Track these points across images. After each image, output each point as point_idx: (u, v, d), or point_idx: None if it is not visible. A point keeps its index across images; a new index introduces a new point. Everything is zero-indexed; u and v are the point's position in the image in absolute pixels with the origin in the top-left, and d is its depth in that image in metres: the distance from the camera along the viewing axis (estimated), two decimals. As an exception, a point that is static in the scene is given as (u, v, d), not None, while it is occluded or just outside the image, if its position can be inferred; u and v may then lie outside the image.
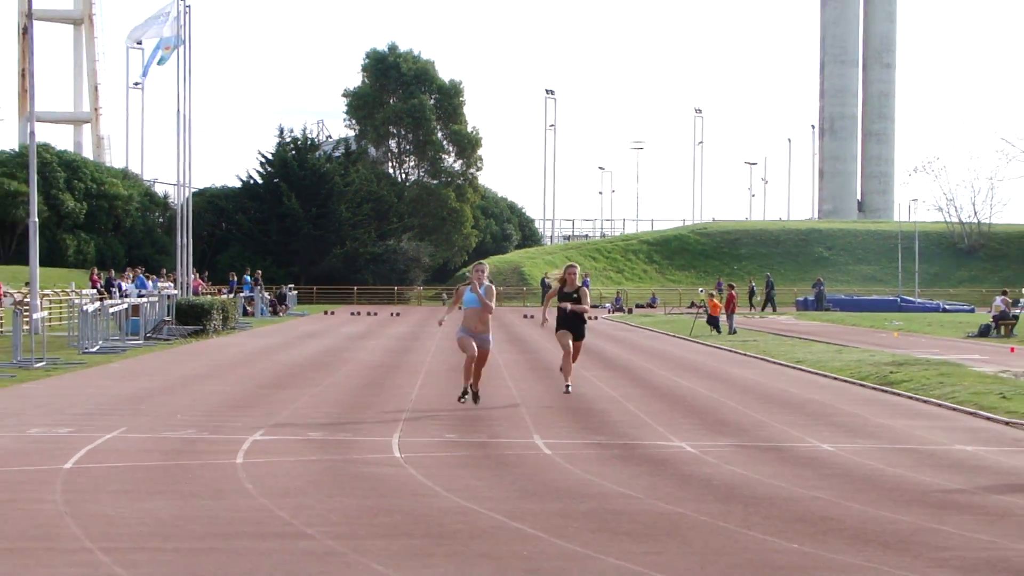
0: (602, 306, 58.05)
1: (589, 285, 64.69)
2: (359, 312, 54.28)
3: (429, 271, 77.59)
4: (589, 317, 17.31)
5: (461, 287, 15.41)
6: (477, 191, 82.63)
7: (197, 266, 50.02)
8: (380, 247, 74.68)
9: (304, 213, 71.17)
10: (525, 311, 54.08)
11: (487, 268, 15.63)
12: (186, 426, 13.23)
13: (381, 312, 54.03)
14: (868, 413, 15.41)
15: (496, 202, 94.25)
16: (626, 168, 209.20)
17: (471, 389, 14.95)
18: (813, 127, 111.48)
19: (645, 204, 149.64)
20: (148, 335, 30.70)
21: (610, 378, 19.67)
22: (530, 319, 44.46)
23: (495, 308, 15.32)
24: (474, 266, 15.70)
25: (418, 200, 78.32)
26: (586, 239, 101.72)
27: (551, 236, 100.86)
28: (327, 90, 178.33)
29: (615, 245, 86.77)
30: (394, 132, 79.40)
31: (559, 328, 16.09)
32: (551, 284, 19.74)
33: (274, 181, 72.94)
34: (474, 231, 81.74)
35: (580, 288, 16.18)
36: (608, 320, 49.00)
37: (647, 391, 18.25)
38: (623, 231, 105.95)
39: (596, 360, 23.27)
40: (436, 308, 62.88)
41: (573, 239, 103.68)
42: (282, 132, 75.32)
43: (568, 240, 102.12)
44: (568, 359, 16.02)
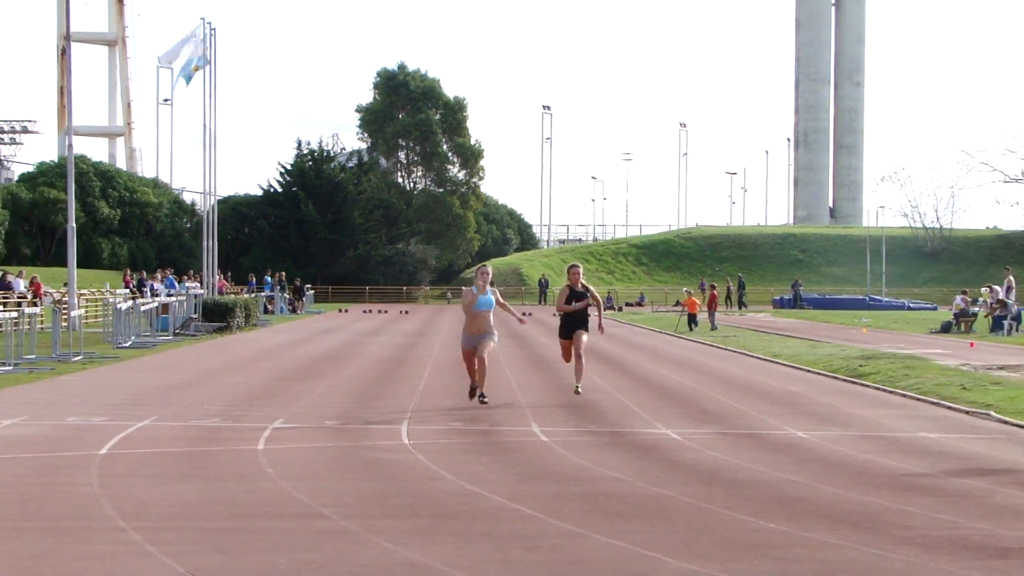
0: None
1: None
2: (371, 310, 54.28)
3: (435, 272, 77.70)
4: (600, 328, 16.44)
5: (470, 289, 14.36)
6: (479, 199, 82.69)
7: (222, 268, 49.97)
8: (390, 250, 74.76)
9: (320, 219, 71.23)
10: (524, 309, 54.00)
11: (491, 271, 14.79)
12: (211, 415, 13.24)
13: (391, 310, 54.05)
14: (839, 403, 15.40)
15: (497, 209, 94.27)
16: (616, 177, 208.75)
17: (476, 388, 14.26)
18: (788, 140, 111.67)
19: (634, 210, 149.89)
20: (177, 331, 30.71)
21: (602, 371, 19.66)
22: (528, 316, 44.39)
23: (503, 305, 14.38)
24: (478, 269, 14.76)
25: (425, 207, 78.34)
26: (580, 243, 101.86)
27: (547, 240, 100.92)
28: (341, 106, 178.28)
29: (606, 248, 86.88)
30: (403, 144, 79.42)
31: (561, 335, 15.21)
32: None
33: (293, 190, 72.98)
34: (476, 235, 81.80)
35: (587, 286, 15.14)
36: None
37: (636, 383, 18.25)
38: (614, 235, 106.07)
39: (589, 354, 23.24)
40: (442, 306, 62.87)
41: (568, 243, 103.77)
42: (300, 145, 75.56)
43: (563, 244, 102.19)
44: (577, 364, 14.88)
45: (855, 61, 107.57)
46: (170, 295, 34.96)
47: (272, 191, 74.71)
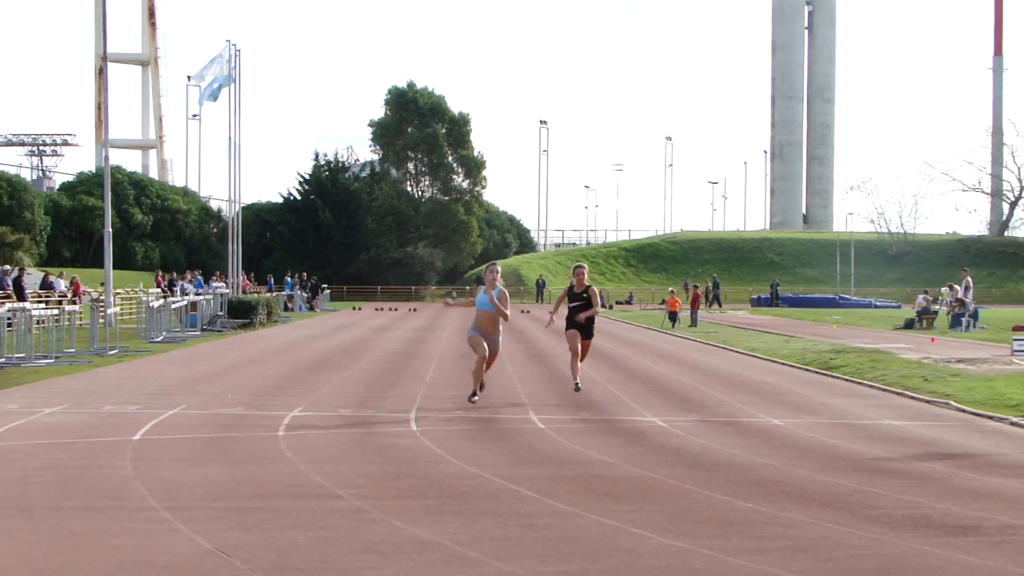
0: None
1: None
2: (382, 308, 54.29)
3: (441, 273, 77.72)
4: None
5: (476, 288, 13.44)
6: (482, 206, 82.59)
7: (245, 269, 49.93)
8: (400, 253, 74.78)
9: (336, 224, 71.27)
10: (523, 307, 54.05)
11: (500, 270, 13.72)
12: (236, 404, 13.25)
13: (401, 308, 54.03)
14: (811, 393, 15.41)
15: (498, 215, 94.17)
16: (608, 186, 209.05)
17: (476, 382, 13.49)
18: (765, 152, 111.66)
19: (624, 217, 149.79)
20: (204, 327, 30.71)
21: (593, 364, 19.66)
22: (527, 314, 44.45)
23: (509, 314, 13.52)
24: (487, 268, 13.74)
25: (432, 214, 78.26)
26: (574, 246, 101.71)
27: (544, 244, 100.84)
28: (355, 120, 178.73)
29: (598, 251, 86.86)
30: (412, 156, 79.30)
31: (569, 328, 14.23)
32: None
33: (311, 197, 72.97)
34: (479, 240, 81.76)
35: (589, 288, 14.27)
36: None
37: (625, 374, 18.25)
38: (605, 240, 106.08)
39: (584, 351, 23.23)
40: (448, 305, 62.76)
41: (563, 246, 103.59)
42: (317, 156, 75.71)
43: (558, 247, 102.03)
44: (575, 360, 14.20)
45: (826, 80, 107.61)
46: (198, 294, 34.95)
47: (292, 199, 74.74)
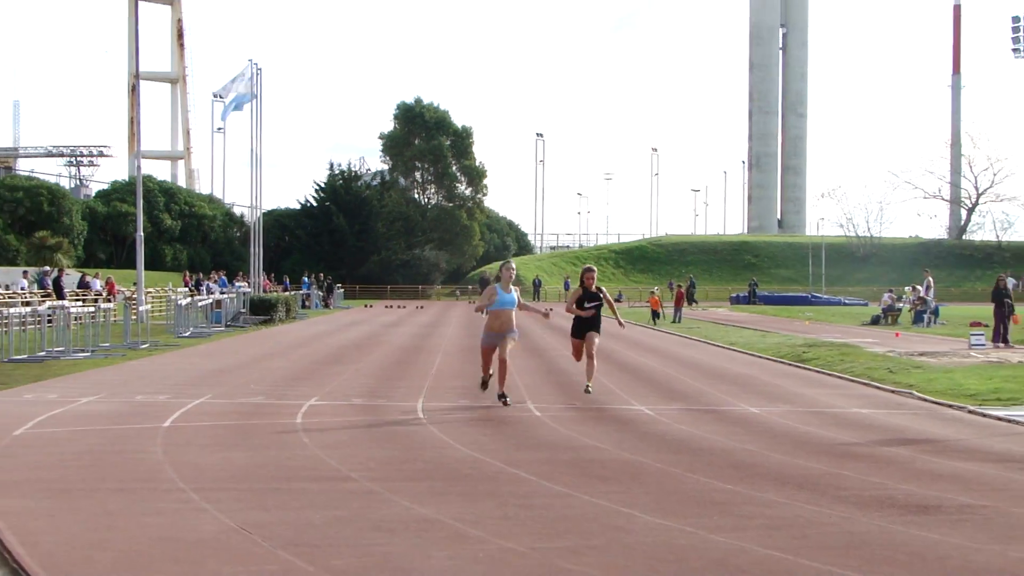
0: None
1: (569, 287, 64.79)
2: (391, 306, 54.24)
3: (446, 274, 77.75)
4: (620, 323, 13.98)
5: (493, 287, 12.27)
6: (483, 212, 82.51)
7: (266, 270, 49.92)
8: (408, 255, 74.80)
9: (349, 229, 71.28)
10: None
11: (515, 268, 12.53)
12: (257, 394, 13.24)
13: (408, 306, 53.99)
14: (786, 384, 15.41)
15: (498, 220, 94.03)
16: (599, 193, 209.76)
17: (488, 384, 12.43)
18: (743, 162, 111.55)
19: (613, 221, 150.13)
20: (228, 323, 30.70)
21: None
22: (551, 311, 44.34)
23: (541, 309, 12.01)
24: (503, 266, 12.46)
25: (437, 219, 78.19)
26: (567, 249, 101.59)
27: (540, 246, 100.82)
28: (367, 133, 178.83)
29: (589, 253, 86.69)
30: (419, 166, 79.23)
31: (574, 334, 13.19)
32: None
33: (326, 204, 72.98)
34: (481, 243, 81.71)
35: (601, 289, 13.17)
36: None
37: (614, 366, 18.23)
38: (596, 243, 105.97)
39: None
40: (452, 303, 62.82)
41: (557, 249, 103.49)
42: (332, 166, 75.90)
43: (553, 250, 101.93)
44: (590, 362, 12.87)
45: (799, 96, 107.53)
46: (223, 293, 34.93)
47: (308, 205, 74.75)
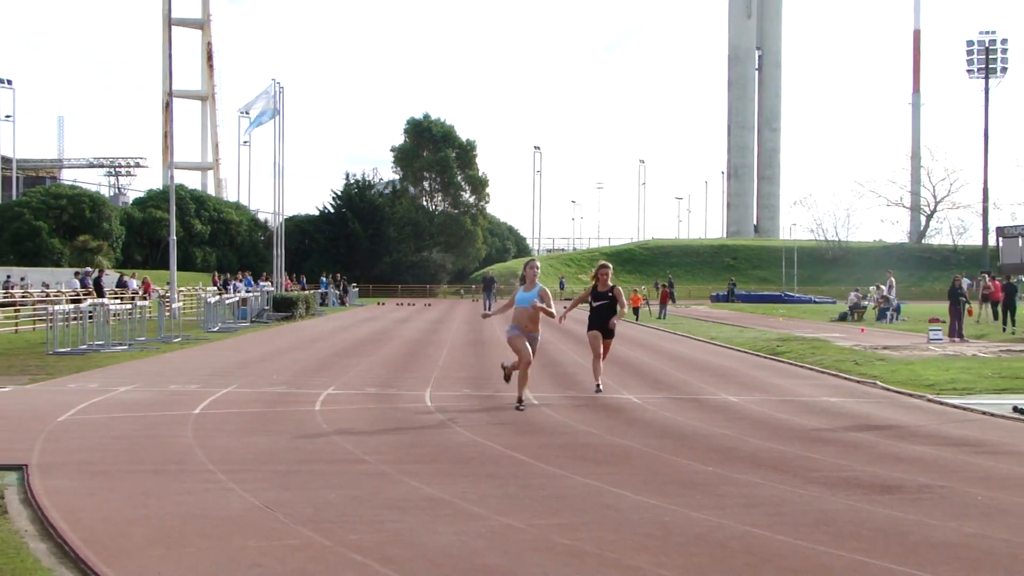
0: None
1: (564, 286, 64.73)
2: (402, 303, 54.26)
3: (451, 274, 77.75)
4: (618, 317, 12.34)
5: (517, 288, 11.15)
6: (485, 218, 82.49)
7: (287, 271, 49.94)
8: (416, 257, 74.84)
9: (363, 233, 71.32)
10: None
11: (539, 266, 11.20)
12: (279, 383, 13.23)
13: (417, 303, 53.98)
14: (761, 375, 15.41)
15: (499, 225, 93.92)
16: (591, 201, 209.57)
17: (511, 371, 11.25)
18: (723, 172, 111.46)
19: (604, 226, 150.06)
20: (253, 319, 30.69)
21: (577, 350, 19.64)
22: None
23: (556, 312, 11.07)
24: (528, 264, 11.09)
25: (443, 224, 78.19)
26: (562, 251, 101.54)
27: (537, 249, 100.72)
28: (379, 146, 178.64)
29: (582, 256, 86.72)
30: (426, 176, 79.20)
31: (591, 328, 12.12)
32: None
33: (342, 210, 73.00)
34: (483, 246, 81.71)
35: (614, 288, 12.14)
36: (580, 310, 48.92)
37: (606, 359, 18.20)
38: (588, 246, 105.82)
39: (568, 337, 23.27)
40: (457, 300, 62.81)
41: (553, 251, 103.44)
42: (348, 176, 76.38)
43: (550, 252, 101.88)
44: (598, 361, 12.09)
45: (773, 112, 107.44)
46: (248, 292, 34.93)
47: (326, 212, 74.74)
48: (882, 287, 34.69)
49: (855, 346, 20.28)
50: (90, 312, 20.53)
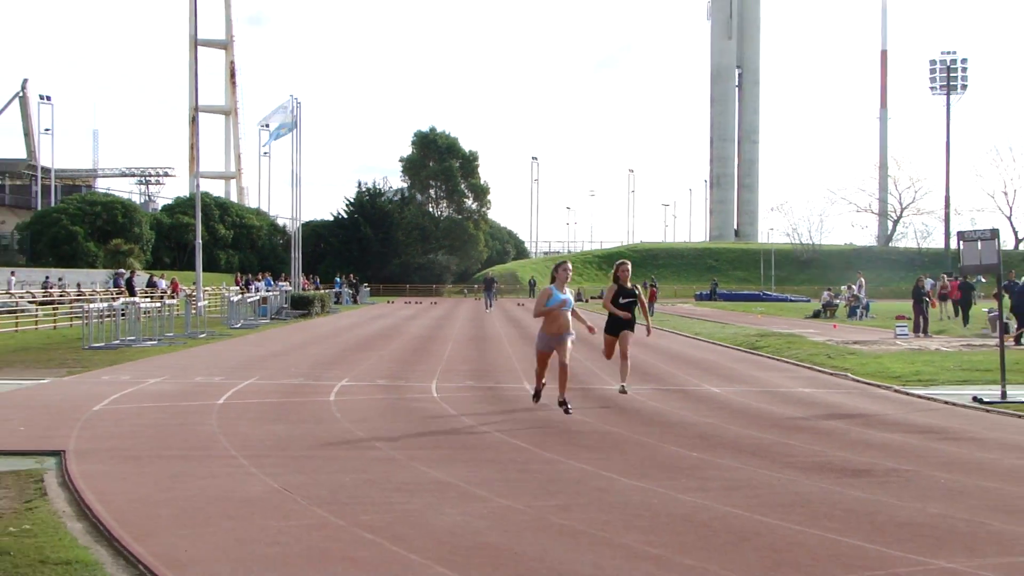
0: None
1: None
2: (410, 302, 54.23)
3: (455, 275, 77.75)
4: (648, 330, 11.88)
5: (548, 289, 9.73)
6: (487, 223, 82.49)
7: (304, 272, 49.91)
8: (423, 259, 74.85)
9: (374, 237, 71.32)
10: (518, 300, 54.02)
11: (571, 268, 9.94)
12: (297, 376, 13.23)
13: (424, 302, 53.94)
14: (741, 367, 15.40)
15: (499, 230, 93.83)
16: (584, 207, 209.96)
17: (541, 396, 10.12)
18: (706, 181, 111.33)
19: (596, 230, 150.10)
20: (272, 316, 30.67)
21: (578, 349, 19.60)
22: (521, 307, 44.38)
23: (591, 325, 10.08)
24: (559, 266, 9.79)
25: (448, 229, 78.20)
26: (558, 254, 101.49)
27: (535, 252, 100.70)
28: (389, 156, 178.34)
29: (576, 258, 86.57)
30: (432, 184, 79.21)
31: (608, 331, 11.09)
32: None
33: (355, 216, 72.99)
34: (485, 249, 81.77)
35: (637, 286, 11.22)
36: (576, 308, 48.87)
37: (596, 353, 18.16)
38: (582, 248, 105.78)
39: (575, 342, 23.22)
40: (461, 299, 62.77)
41: (549, 254, 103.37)
42: (360, 184, 76.22)
43: (546, 254, 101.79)
44: (622, 364, 10.80)
45: (753, 125, 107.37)
46: (268, 291, 34.92)
47: (340, 217, 74.71)
48: (852, 287, 34.69)
49: (828, 341, 20.27)
50: (122, 310, 20.52)
